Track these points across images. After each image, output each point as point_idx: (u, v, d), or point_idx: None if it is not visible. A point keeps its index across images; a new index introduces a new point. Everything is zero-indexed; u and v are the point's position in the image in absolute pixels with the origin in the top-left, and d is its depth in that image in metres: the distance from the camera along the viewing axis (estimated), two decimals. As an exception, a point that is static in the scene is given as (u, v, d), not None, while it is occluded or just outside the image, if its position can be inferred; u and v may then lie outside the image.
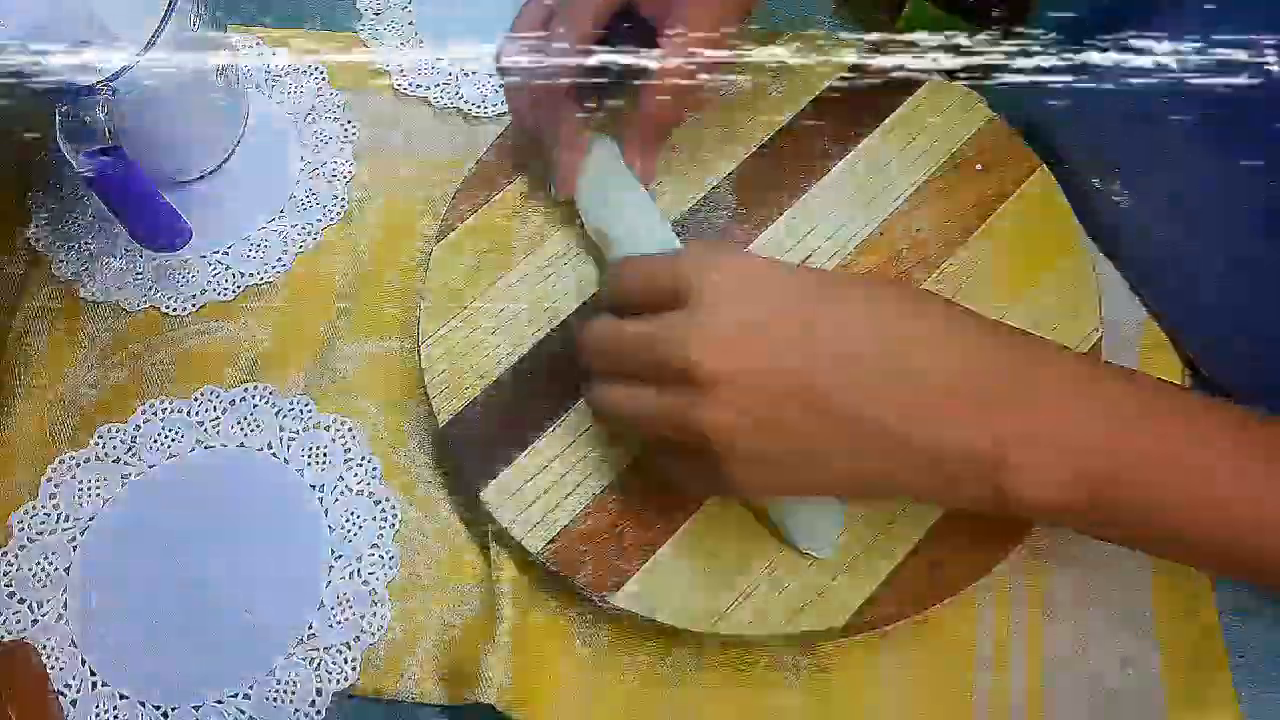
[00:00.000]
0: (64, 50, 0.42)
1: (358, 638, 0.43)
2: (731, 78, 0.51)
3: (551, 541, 0.41)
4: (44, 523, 0.46)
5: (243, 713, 0.42)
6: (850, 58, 0.52)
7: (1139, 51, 0.41)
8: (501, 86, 0.47)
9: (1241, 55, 0.38)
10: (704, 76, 0.42)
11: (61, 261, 0.53)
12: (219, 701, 0.42)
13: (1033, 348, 0.34)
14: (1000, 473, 0.32)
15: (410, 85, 0.57)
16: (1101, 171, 0.49)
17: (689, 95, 0.43)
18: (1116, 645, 0.42)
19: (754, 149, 0.50)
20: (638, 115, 0.45)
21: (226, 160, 0.55)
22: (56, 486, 0.47)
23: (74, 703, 0.43)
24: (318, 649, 0.43)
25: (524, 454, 0.43)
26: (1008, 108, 0.50)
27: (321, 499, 0.46)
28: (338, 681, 0.42)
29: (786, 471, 0.34)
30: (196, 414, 0.48)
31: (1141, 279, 0.49)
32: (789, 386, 0.32)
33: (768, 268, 0.34)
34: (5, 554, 0.45)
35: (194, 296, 0.52)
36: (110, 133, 0.43)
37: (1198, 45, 0.39)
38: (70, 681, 0.43)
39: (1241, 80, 0.38)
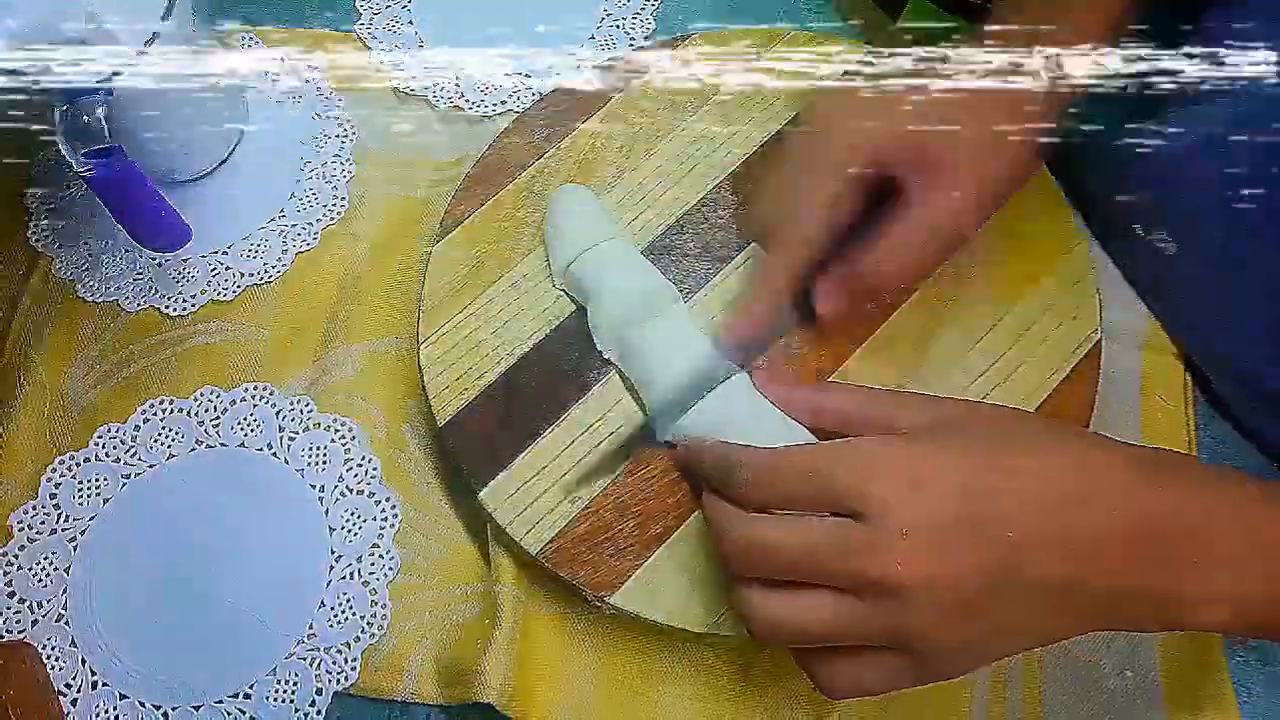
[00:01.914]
0: (64, 50, 0.42)
1: (358, 637, 0.43)
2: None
3: (550, 542, 0.41)
4: (44, 522, 0.46)
5: (243, 712, 0.42)
6: (850, 58, 0.52)
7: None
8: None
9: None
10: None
11: (62, 261, 0.53)
12: (219, 701, 0.42)
13: (1198, 481, 0.35)
14: (1177, 608, 0.33)
15: (409, 85, 0.57)
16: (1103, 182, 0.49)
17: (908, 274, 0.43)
18: (1115, 646, 0.42)
19: (754, 148, 0.50)
20: (852, 267, 0.42)
21: (226, 160, 0.55)
22: (56, 486, 0.47)
23: (74, 702, 0.43)
24: (318, 648, 0.43)
25: (523, 454, 0.43)
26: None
27: (322, 499, 0.46)
28: (338, 681, 0.42)
29: (989, 647, 0.34)
30: (196, 414, 0.48)
31: (1142, 283, 0.49)
32: (984, 575, 0.32)
33: (927, 457, 0.34)
34: (5, 554, 0.45)
35: (194, 296, 0.52)
36: (110, 133, 0.43)
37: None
38: (70, 681, 0.43)
39: None
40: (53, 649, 0.44)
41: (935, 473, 0.33)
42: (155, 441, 0.48)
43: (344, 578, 0.44)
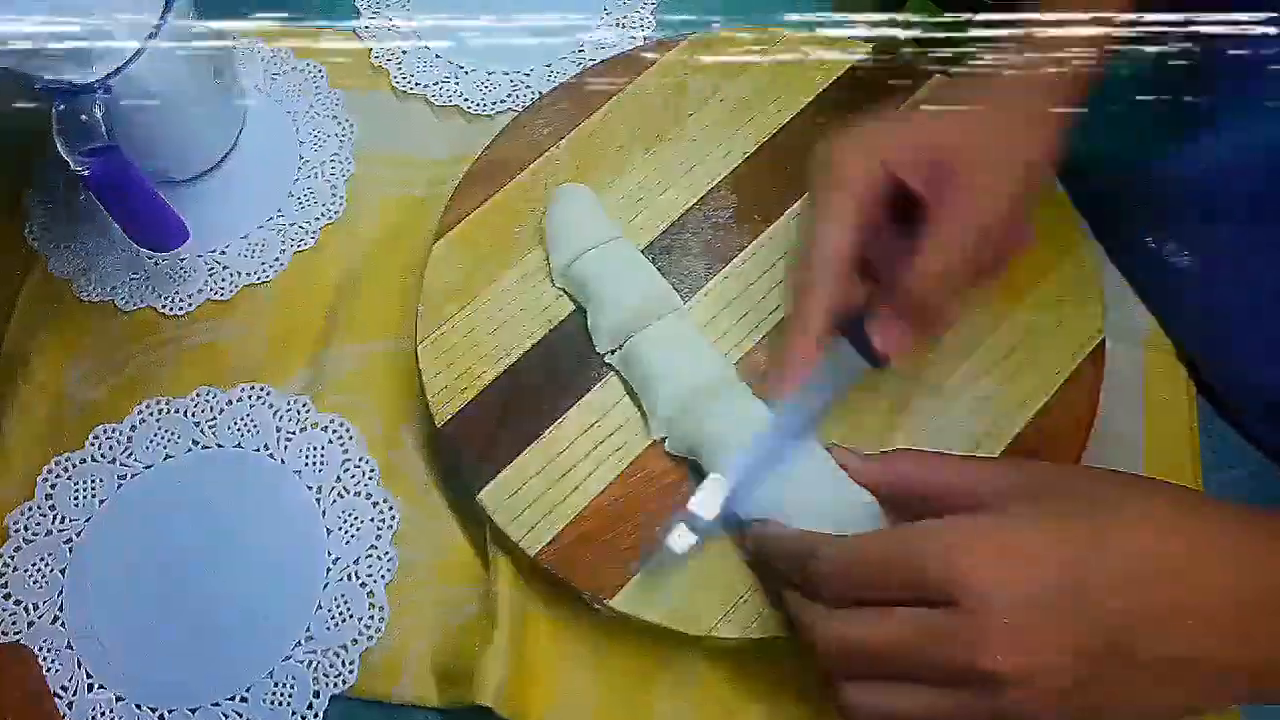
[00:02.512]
0: (62, 49, 0.42)
1: (355, 640, 0.43)
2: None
3: (549, 544, 0.41)
4: (40, 524, 0.46)
5: (240, 715, 0.42)
6: (851, 56, 0.52)
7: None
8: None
9: None
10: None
11: (58, 261, 0.53)
12: (216, 704, 0.42)
13: None
14: None
15: (409, 84, 0.57)
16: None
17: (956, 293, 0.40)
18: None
19: (754, 148, 0.50)
20: (901, 300, 0.40)
21: (224, 159, 0.55)
22: (52, 487, 0.47)
23: (70, 705, 0.42)
24: (315, 651, 0.43)
25: (521, 455, 0.43)
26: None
27: (319, 500, 0.46)
28: (335, 683, 0.42)
29: None
30: (193, 414, 0.48)
31: (1143, 285, 0.48)
32: (1087, 657, 0.31)
33: (1017, 532, 0.32)
34: (1, 555, 0.45)
35: (191, 296, 0.51)
36: (108, 132, 0.43)
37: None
38: (66, 684, 0.43)
39: None
40: (49, 651, 0.43)
41: (1027, 550, 0.31)
42: (151, 442, 0.47)
43: (341, 579, 0.44)
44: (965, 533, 0.32)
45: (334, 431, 0.47)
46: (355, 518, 0.45)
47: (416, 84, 0.56)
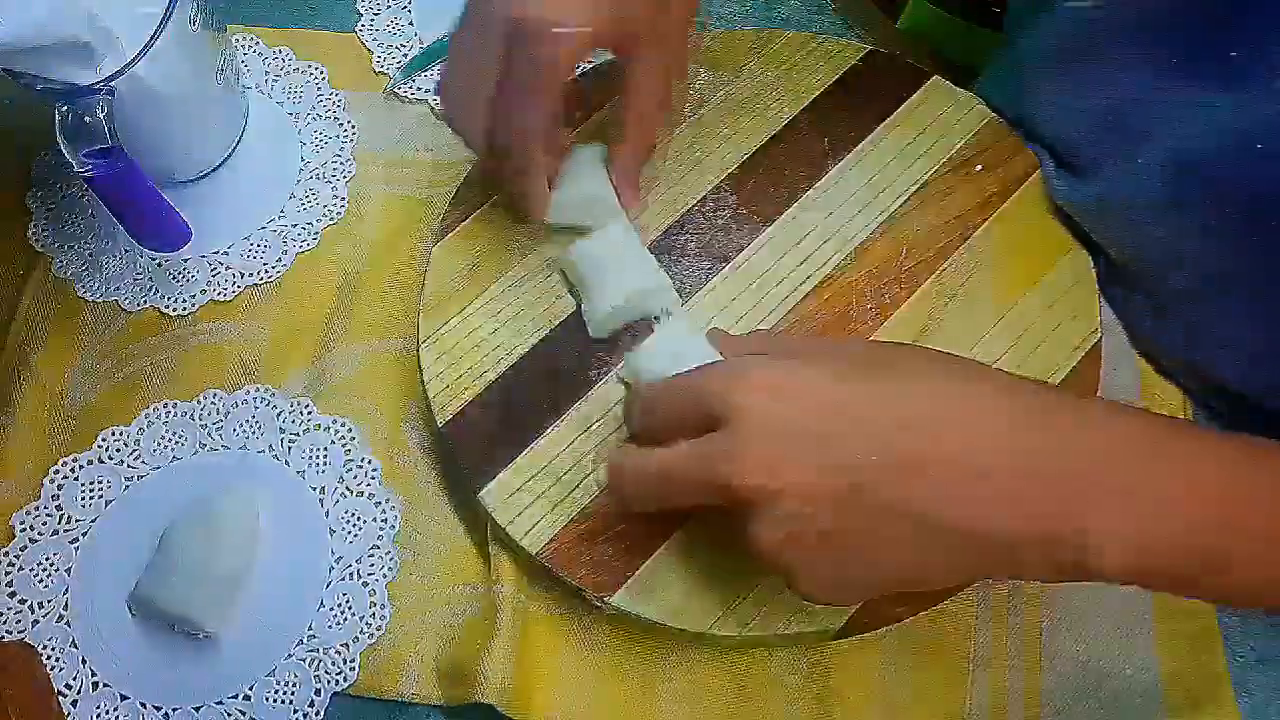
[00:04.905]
0: (64, 50, 0.42)
1: (357, 638, 0.43)
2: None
3: (550, 542, 0.41)
4: (46, 523, 0.46)
5: (243, 713, 0.42)
6: (850, 58, 0.52)
7: None
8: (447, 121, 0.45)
9: None
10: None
11: (61, 261, 0.53)
12: (219, 702, 0.42)
13: (1091, 423, 0.33)
14: (1074, 552, 0.31)
15: (409, 86, 0.57)
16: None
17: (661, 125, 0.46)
18: (1116, 646, 0.42)
19: (754, 150, 0.50)
20: (620, 145, 0.45)
21: (226, 160, 0.55)
22: (59, 488, 0.47)
23: (75, 703, 0.43)
24: (318, 649, 0.43)
25: (523, 454, 0.43)
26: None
27: (322, 500, 0.46)
28: (337, 682, 0.43)
29: (849, 574, 0.34)
30: (199, 417, 0.48)
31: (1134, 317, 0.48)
32: (829, 493, 0.32)
33: (793, 372, 0.34)
34: (7, 554, 0.45)
35: (194, 296, 0.52)
36: (110, 133, 0.43)
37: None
38: (71, 682, 0.43)
39: None
40: (53, 649, 0.44)
41: (797, 386, 0.34)
42: (158, 445, 0.48)
43: (344, 579, 0.44)
44: (748, 363, 0.35)
45: (336, 432, 0.47)
46: (358, 518, 0.45)
47: (416, 86, 0.57)
